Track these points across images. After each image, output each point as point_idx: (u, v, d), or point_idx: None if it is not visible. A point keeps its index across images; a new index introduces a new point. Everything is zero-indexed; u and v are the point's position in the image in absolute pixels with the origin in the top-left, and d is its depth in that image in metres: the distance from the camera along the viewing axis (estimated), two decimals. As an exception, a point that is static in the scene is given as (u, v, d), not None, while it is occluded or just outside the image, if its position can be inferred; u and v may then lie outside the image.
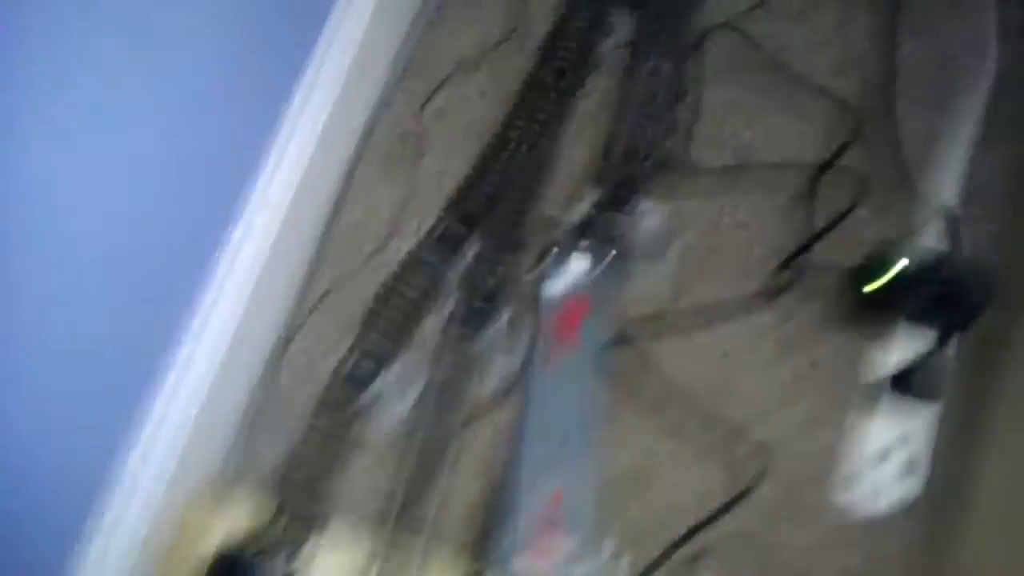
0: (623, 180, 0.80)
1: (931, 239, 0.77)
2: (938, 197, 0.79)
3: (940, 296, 0.74)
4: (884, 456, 0.75)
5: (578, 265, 0.71)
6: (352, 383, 0.80)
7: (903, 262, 0.73)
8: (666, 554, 0.76)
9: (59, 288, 0.63)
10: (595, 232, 0.77)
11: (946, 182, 0.82)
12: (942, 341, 0.74)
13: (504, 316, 0.80)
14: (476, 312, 0.80)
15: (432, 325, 0.83)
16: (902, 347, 0.77)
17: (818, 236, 0.83)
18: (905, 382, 0.76)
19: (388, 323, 0.82)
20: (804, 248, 0.83)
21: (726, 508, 0.77)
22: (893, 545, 0.76)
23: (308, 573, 0.76)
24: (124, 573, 0.75)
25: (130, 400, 0.76)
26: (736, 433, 0.80)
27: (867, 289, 0.75)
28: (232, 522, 0.77)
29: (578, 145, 0.89)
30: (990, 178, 0.83)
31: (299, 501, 0.77)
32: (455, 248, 0.83)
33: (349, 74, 0.88)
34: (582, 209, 0.80)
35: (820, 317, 0.82)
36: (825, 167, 0.86)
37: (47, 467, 0.68)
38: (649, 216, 0.79)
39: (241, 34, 0.75)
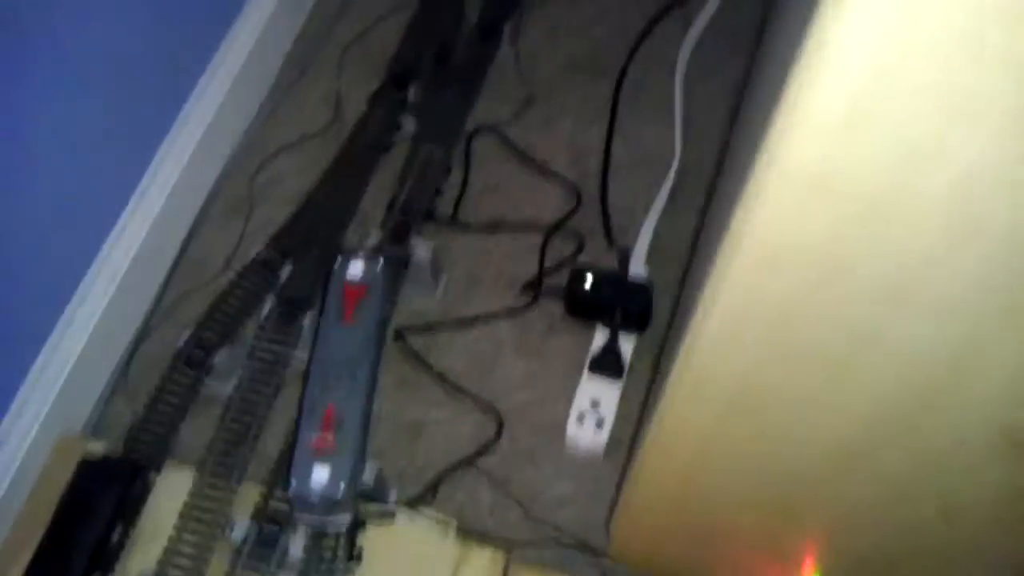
0: (400, 225, 1.09)
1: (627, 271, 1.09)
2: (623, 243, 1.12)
3: (617, 306, 1.04)
4: (582, 418, 1.03)
5: (362, 265, 0.98)
6: (188, 364, 1.03)
7: (590, 278, 1.04)
8: (428, 488, 1.01)
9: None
10: (379, 252, 1.04)
11: (641, 237, 1.15)
12: (615, 336, 1.04)
13: (307, 318, 1.06)
14: (283, 314, 1.06)
15: (252, 324, 1.08)
16: (598, 341, 1.07)
17: (546, 270, 1.13)
18: (598, 365, 1.05)
19: (217, 323, 1.06)
20: (538, 279, 1.13)
21: (475, 456, 1.03)
22: (590, 471, 1.03)
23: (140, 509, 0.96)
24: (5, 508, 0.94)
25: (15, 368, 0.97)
26: (485, 405, 1.06)
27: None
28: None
29: (370, 202, 1.19)
30: (671, 236, 1.16)
31: (145, 450, 0.98)
32: (273, 269, 1.09)
33: (199, 144, 1.16)
34: (371, 242, 1.08)
35: (548, 326, 1.12)
36: (556, 227, 1.17)
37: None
38: (420, 250, 1.07)
39: (118, 96, 1.03)
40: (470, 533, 0.96)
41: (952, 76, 0.36)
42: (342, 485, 0.85)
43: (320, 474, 0.85)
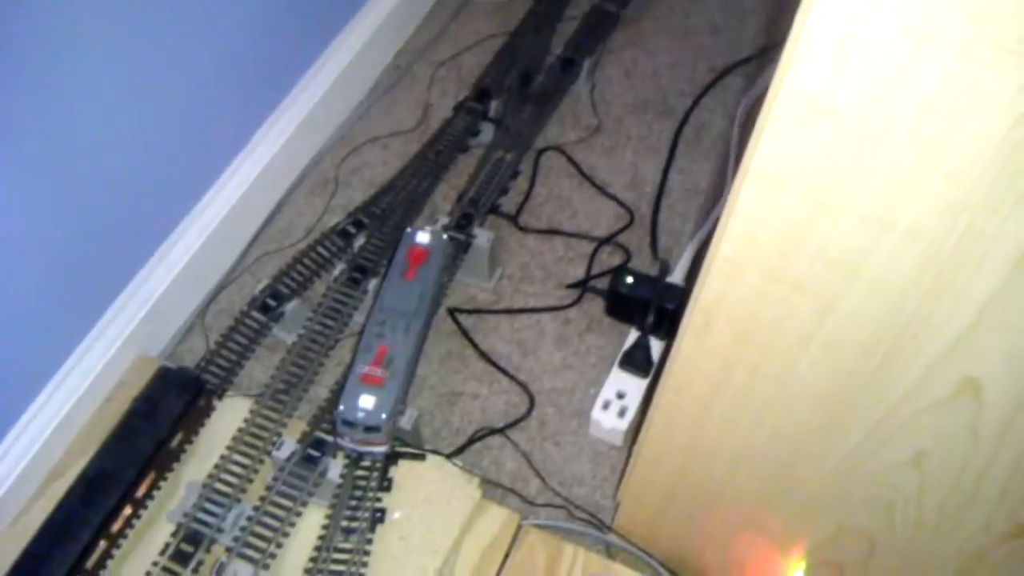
0: (467, 213, 1.21)
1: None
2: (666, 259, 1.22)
3: (649, 308, 1.13)
4: (607, 405, 1.11)
5: (428, 236, 1.10)
6: (261, 310, 1.15)
7: (631, 277, 1.14)
8: (461, 448, 1.10)
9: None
10: (446, 231, 1.16)
11: (684, 254, 1.25)
12: (647, 335, 1.13)
13: (371, 285, 1.17)
14: (350, 279, 1.17)
15: (322, 285, 1.20)
16: (630, 340, 1.16)
17: (592, 275, 1.23)
18: (628, 360, 1.14)
19: (292, 278, 1.18)
20: (585, 281, 1.23)
21: (505, 427, 1.12)
22: (608, 457, 1.11)
23: (202, 423, 1.06)
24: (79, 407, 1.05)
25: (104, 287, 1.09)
26: (520, 385, 1.16)
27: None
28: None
29: (442, 195, 1.31)
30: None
31: (212, 378, 1.09)
32: (348, 239, 1.21)
33: (297, 129, 1.30)
34: (439, 224, 1.20)
35: (587, 325, 1.21)
36: (607, 239, 1.28)
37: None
38: (480, 238, 1.18)
39: (232, 75, 1.17)
40: (491, 490, 1.04)
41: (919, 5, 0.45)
42: (383, 415, 0.94)
43: (366, 400, 0.94)
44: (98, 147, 0.98)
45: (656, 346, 1.14)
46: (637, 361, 1.13)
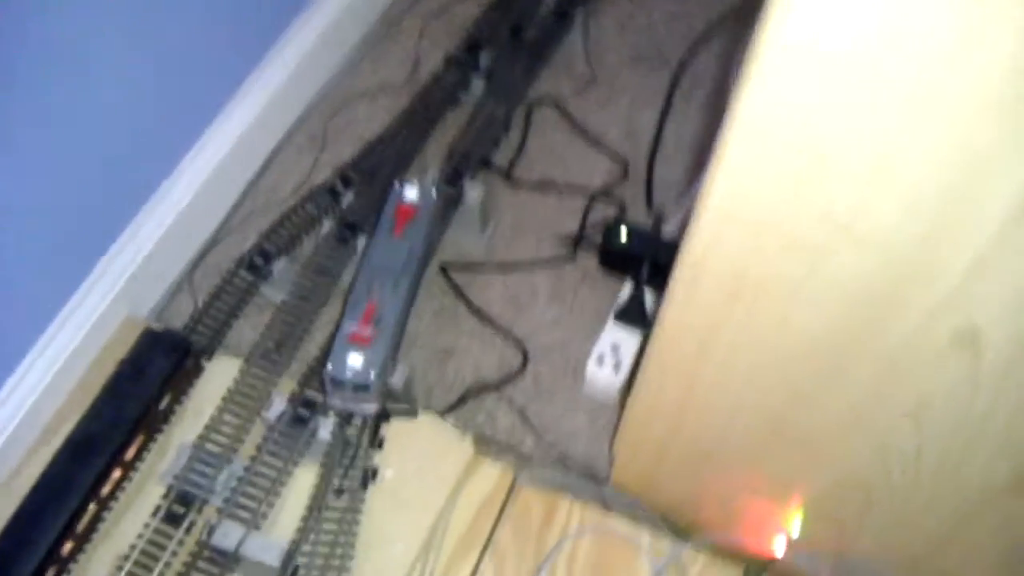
0: (457, 167, 1.18)
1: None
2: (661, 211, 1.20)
3: (643, 261, 1.11)
4: (602, 359, 1.10)
5: (416, 191, 1.07)
6: (248, 269, 1.13)
7: (625, 229, 1.12)
8: (453, 405, 1.09)
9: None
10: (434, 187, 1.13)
11: (678, 206, 1.22)
12: (642, 288, 1.11)
13: (360, 242, 1.15)
14: (339, 237, 1.15)
15: (310, 242, 1.18)
16: (625, 293, 1.14)
17: (586, 229, 1.21)
18: (623, 313, 1.12)
19: (279, 236, 1.16)
20: (579, 235, 1.21)
21: (499, 383, 1.11)
22: (603, 412, 1.09)
23: (191, 384, 1.05)
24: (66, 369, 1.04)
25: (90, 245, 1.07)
26: (514, 340, 1.14)
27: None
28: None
29: (433, 150, 1.28)
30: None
31: (200, 339, 1.08)
32: (336, 196, 1.19)
33: (285, 84, 1.27)
34: (427, 180, 1.17)
35: (581, 279, 1.20)
36: (600, 194, 1.25)
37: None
38: (471, 192, 1.16)
39: (215, 26, 1.14)
40: (484, 447, 1.03)
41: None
42: (373, 373, 0.93)
43: (355, 360, 0.93)
44: (80, 105, 0.96)
45: (652, 299, 1.12)
46: (632, 314, 1.11)
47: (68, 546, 0.92)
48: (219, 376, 1.06)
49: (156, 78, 1.05)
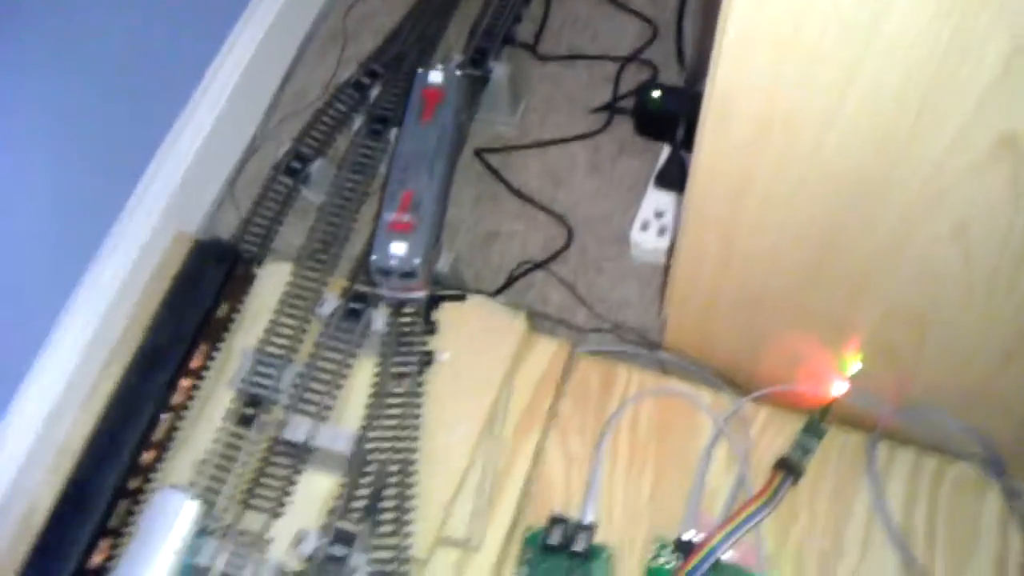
0: (480, 47, 1.16)
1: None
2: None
3: (679, 121, 1.09)
4: (646, 226, 1.09)
5: (441, 74, 1.06)
6: (287, 174, 1.13)
7: (659, 91, 1.09)
8: (503, 286, 1.09)
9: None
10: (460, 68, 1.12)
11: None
12: (679, 150, 1.09)
13: (392, 133, 1.15)
14: (371, 131, 1.15)
15: (344, 140, 1.18)
16: (664, 157, 1.12)
17: (620, 98, 1.19)
18: (662, 178, 1.11)
19: (313, 138, 1.16)
20: (613, 102, 1.19)
21: (546, 261, 1.11)
22: (653, 278, 1.09)
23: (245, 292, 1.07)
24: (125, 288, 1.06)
25: (130, 164, 1.09)
26: (556, 217, 1.14)
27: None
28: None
29: (455, 34, 1.26)
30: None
31: (249, 247, 1.09)
32: (363, 90, 1.18)
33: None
34: (452, 64, 1.16)
35: (618, 149, 1.18)
36: (631, 57, 1.23)
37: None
38: (498, 70, 1.14)
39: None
40: (538, 323, 1.04)
41: None
42: (416, 260, 0.94)
43: (398, 248, 0.94)
44: (105, 25, 0.96)
45: (691, 159, 1.10)
46: (672, 177, 1.10)
47: (148, 456, 0.96)
48: (271, 281, 1.07)
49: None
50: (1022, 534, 0.88)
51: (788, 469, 0.90)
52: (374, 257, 0.94)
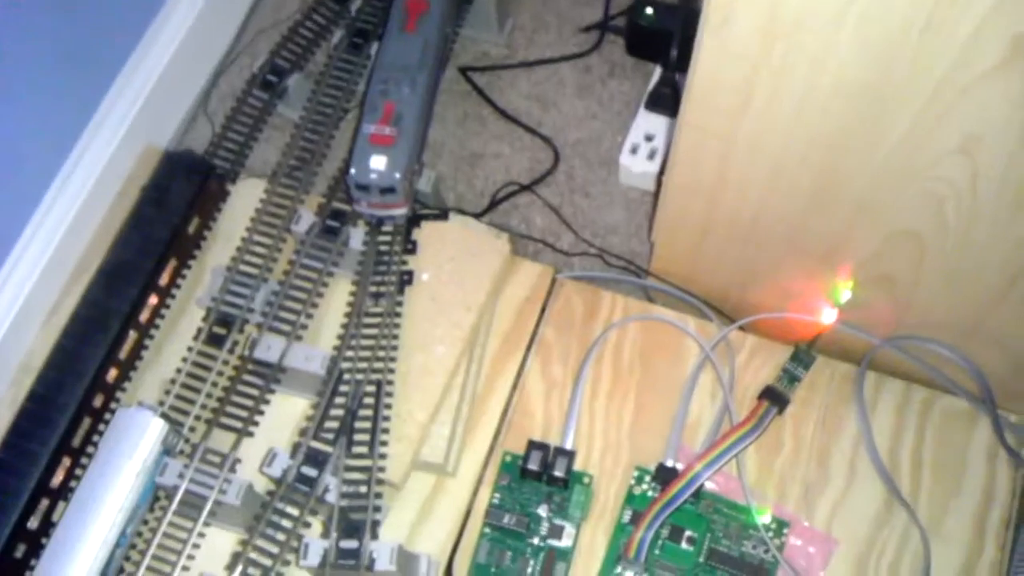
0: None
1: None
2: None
3: (673, 40, 1.05)
4: (635, 149, 1.05)
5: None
6: (262, 87, 1.09)
7: (649, 11, 1.05)
8: (486, 208, 1.06)
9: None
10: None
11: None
12: (673, 71, 1.05)
13: (373, 49, 1.10)
14: (351, 45, 1.10)
15: (322, 55, 1.13)
16: (656, 79, 1.08)
17: (611, 17, 1.15)
18: (654, 100, 1.07)
19: (290, 51, 1.11)
20: (603, 23, 1.14)
21: (531, 184, 1.07)
22: (641, 204, 1.06)
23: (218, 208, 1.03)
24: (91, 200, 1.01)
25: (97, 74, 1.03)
26: (543, 139, 1.10)
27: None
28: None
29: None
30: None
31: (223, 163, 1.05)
32: (344, 3, 1.13)
33: None
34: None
35: (609, 70, 1.14)
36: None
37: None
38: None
39: None
40: (521, 247, 1.01)
41: None
42: (397, 174, 0.90)
43: (378, 161, 0.90)
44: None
45: (684, 80, 1.06)
46: (664, 99, 1.06)
47: (113, 373, 0.93)
48: (245, 198, 1.03)
49: None
50: (1010, 468, 0.86)
51: (774, 398, 0.87)
52: (353, 171, 0.90)
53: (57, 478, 0.88)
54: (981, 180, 0.65)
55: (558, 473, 0.85)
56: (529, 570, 0.84)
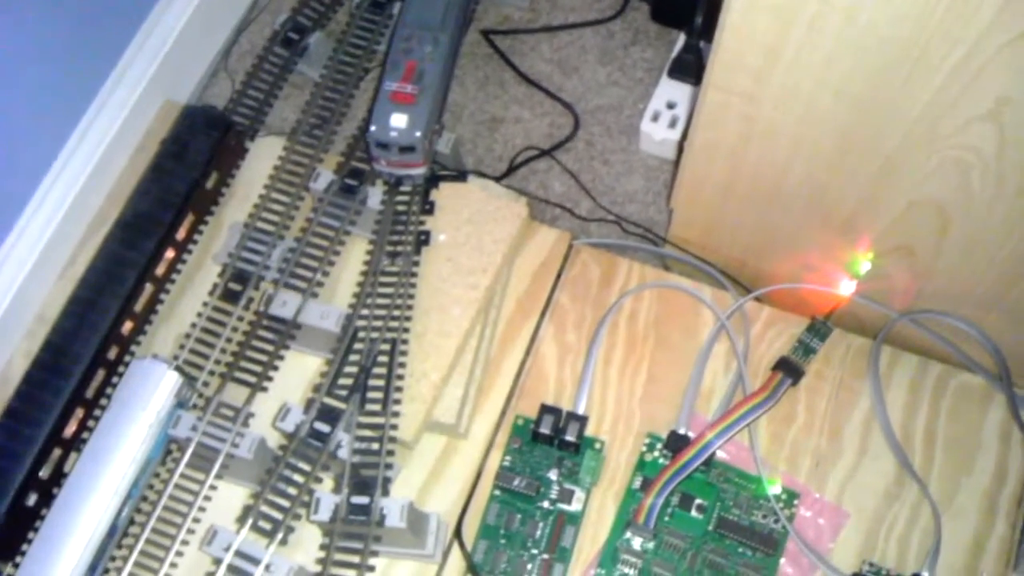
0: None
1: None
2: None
3: (698, 6, 1.03)
4: (657, 116, 1.04)
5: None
6: (283, 45, 1.08)
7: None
8: (505, 172, 1.05)
9: None
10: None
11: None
12: (697, 38, 1.04)
13: (395, 9, 1.09)
14: (373, 4, 1.09)
15: (344, 14, 1.12)
16: (679, 46, 1.07)
17: (638, -18, 1.13)
18: (677, 68, 1.06)
19: (312, 9, 1.10)
20: (627, -10, 1.13)
21: (551, 149, 1.06)
22: (660, 172, 1.05)
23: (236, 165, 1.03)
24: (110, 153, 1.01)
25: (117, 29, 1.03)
26: (564, 105, 1.09)
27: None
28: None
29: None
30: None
31: (242, 120, 1.04)
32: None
33: None
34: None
35: (632, 37, 1.13)
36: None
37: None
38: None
39: None
40: (539, 211, 1.01)
41: None
42: (417, 133, 0.89)
43: (398, 120, 0.89)
44: None
45: (708, 49, 1.05)
46: (687, 67, 1.05)
47: (128, 325, 0.93)
48: (264, 156, 1.03)
49: None
50: (1024, 446, 0.86)
51: (788, 369, 0.87)
52: (373, 128, 0.90)
53: (70, 428, 0.88)
54: (1009, 148, 0.64)
55: (570, 438, 0.85)
56: (538, 533, 0.84)
